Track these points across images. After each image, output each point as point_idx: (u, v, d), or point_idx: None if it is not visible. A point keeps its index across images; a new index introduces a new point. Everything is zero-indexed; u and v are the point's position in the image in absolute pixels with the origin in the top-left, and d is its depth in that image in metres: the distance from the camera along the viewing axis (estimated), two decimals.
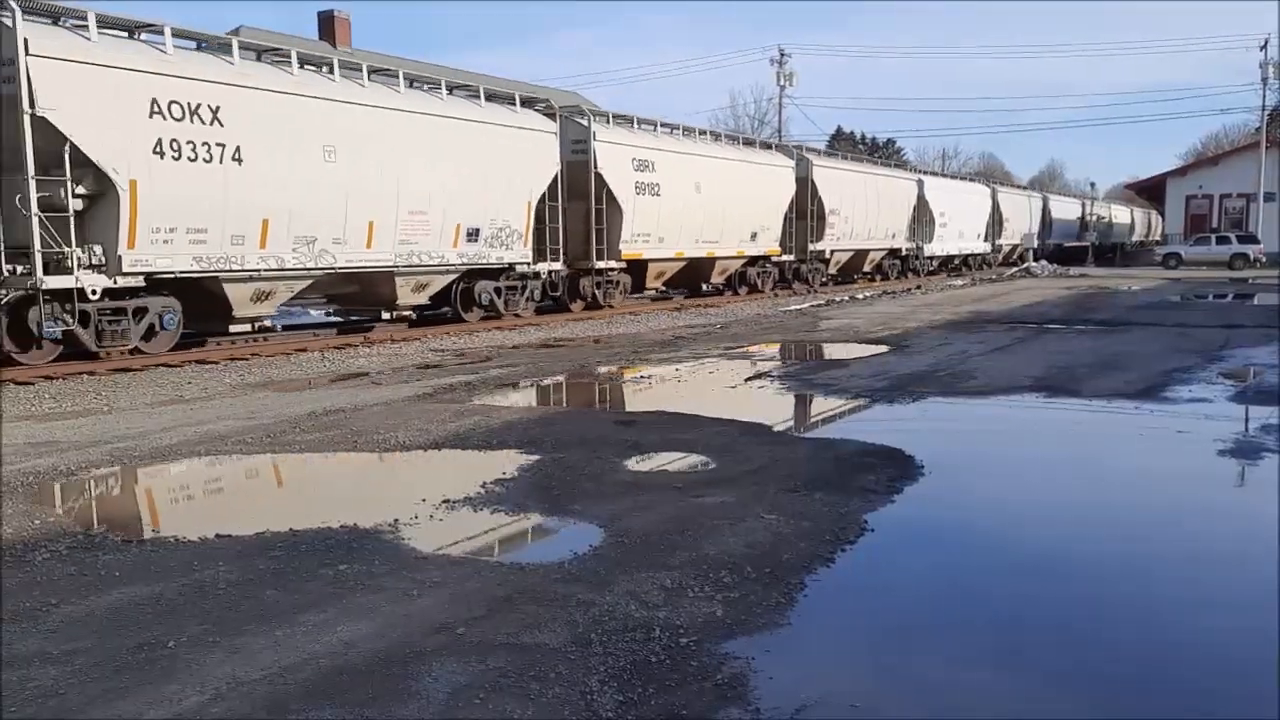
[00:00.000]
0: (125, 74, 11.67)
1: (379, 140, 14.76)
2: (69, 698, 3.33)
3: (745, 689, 3.38)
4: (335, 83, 14.49)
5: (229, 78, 12.81)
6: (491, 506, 5.76)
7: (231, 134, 12.70)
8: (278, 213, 13.39)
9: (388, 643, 3.75)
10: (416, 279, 16.17)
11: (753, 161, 25.64)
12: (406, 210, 15.40)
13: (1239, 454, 7.26)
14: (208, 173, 12.45)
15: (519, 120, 17.76)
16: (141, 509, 6.33)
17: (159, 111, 11.96)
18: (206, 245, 12.66)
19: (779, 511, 5.50)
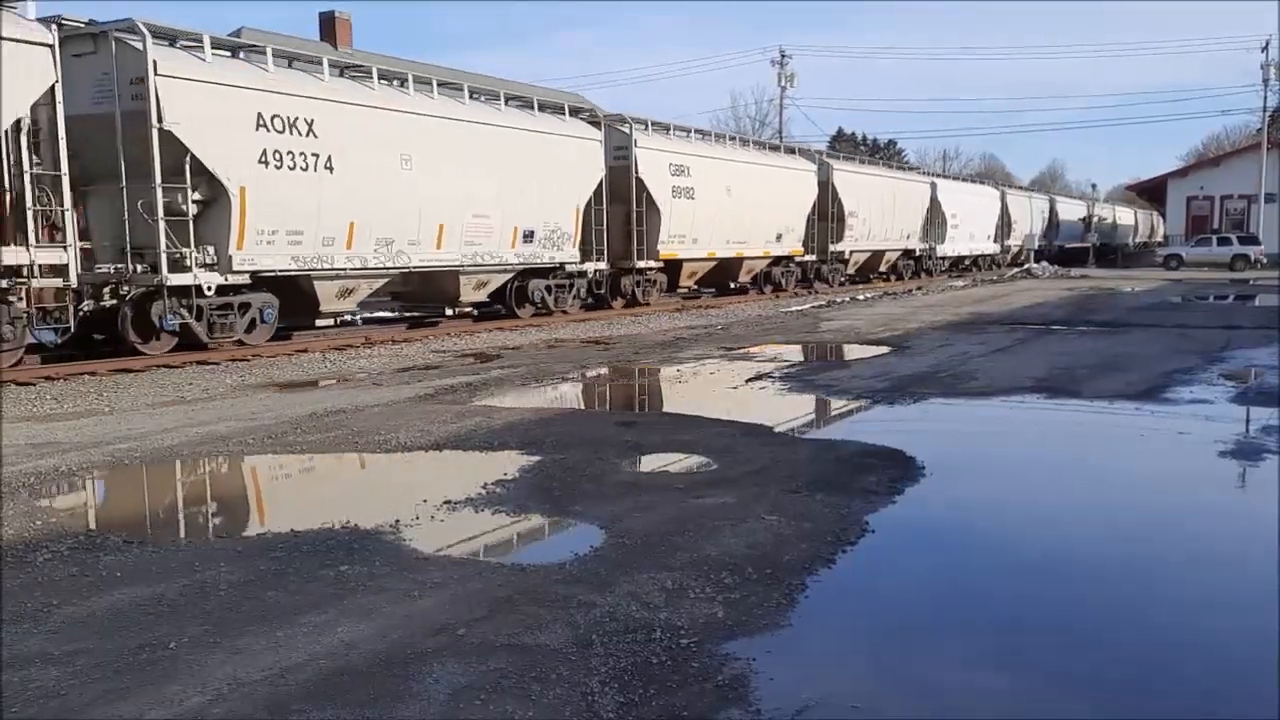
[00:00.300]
0: (235, 90, 12.91)
1: (448, 149, 15.95)
2: (70, 699, 3.34)
3: (746, 690, 3.38)
4: (410, 96, 15.74)
5: (322, 93, 14.13)
6: (493, 507, 5.76)
7: (324, 145, 13.94)
8: (362, 217, 14.65)
9: (389, 643, 3.75)
10: (478, 277, 17.45)
11: (778, 166, 26.84)
12: (471, 214, 16.65)
13: (1240, 455, 7.26)
14: (304, 180, 13.72)
15: (568, 129, 18.97)
16: (142, 510, 6.33)
17: (264, 124, 13.19)
18: (302, 246, 13.89)
19: (780, 512, 5.50)
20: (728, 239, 24.25)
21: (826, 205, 29.04)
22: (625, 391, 10.98)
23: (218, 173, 12.65)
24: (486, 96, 17.64)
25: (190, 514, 6.17)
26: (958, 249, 39.82)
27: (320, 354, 13.77)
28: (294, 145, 13.53)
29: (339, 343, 14.68)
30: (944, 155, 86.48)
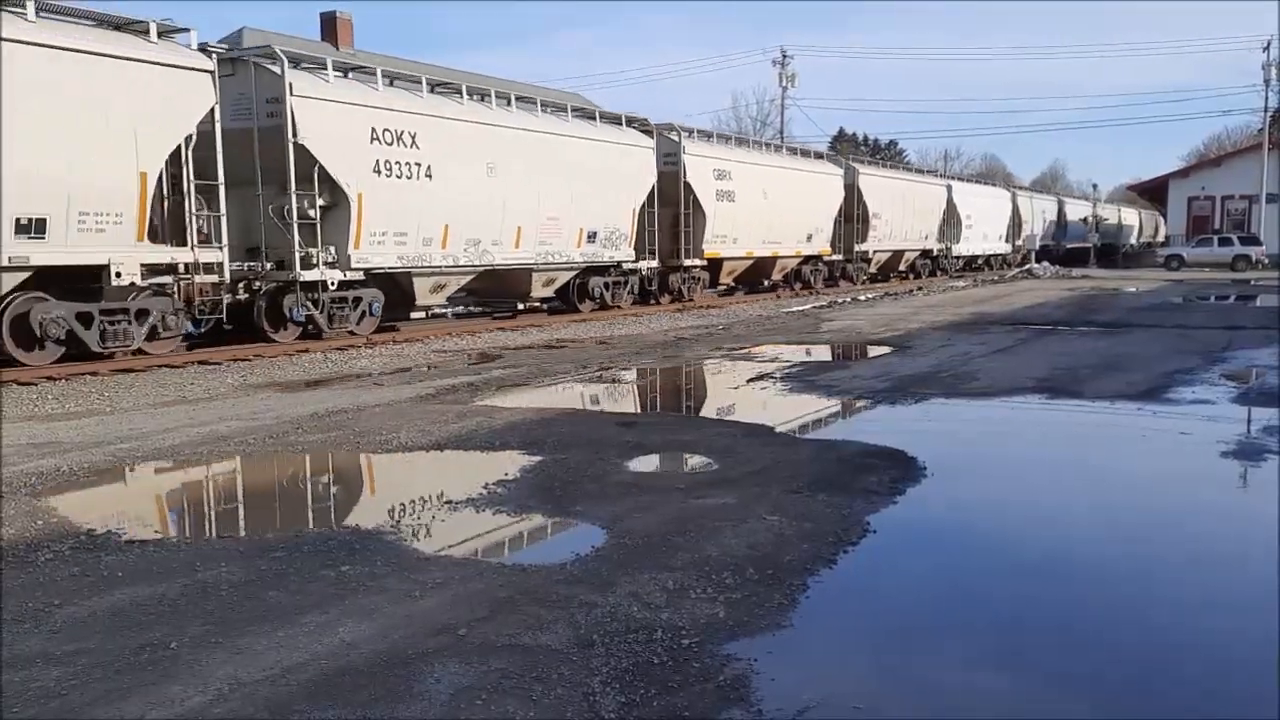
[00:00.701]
0: (354, 108, 14.63)
1: (526, 157, 17.67)
2: (71, 698, 3.34)
3: (748, 690, 3.38)
4: (494, 110, 17.40)
5: (422, 109, 15.86)
6: (494, 507, 5.76)
7: (425, 155, 15.60)
8: (455, 220, 16.32)
9: (390, 643, 3.75)
10: (548, 274, 19.24)
11: (809, 170, 28.69)
12: (545, 216, 18.39)
13: (1241, 455, 7.26)
14: (409, 187, 15.40)
15: (625, 137, 20.77)
16: (144, 510, 6.34)
17: (376, 138, 14.89)
18: (406, 246, 15.59)
19: (781, 513, 5.50)
20: (764, 239, 25.84)
21: (852, 207, 30.60)
22: (626, 391, 10.98)
23: (340, 181, 14.32)
24: (554, 109, 19.45)
25: (191, 514, 6.18)
26: (972, 249, 41.17)
27: (322, 354, 13.78)
28: (400, 156, 15.22)
29: (340, 343, 14.70)
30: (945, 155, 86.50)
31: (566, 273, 19.65)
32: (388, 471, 7.07)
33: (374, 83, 15.37)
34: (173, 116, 12.33)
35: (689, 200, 22.78)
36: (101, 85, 11.57)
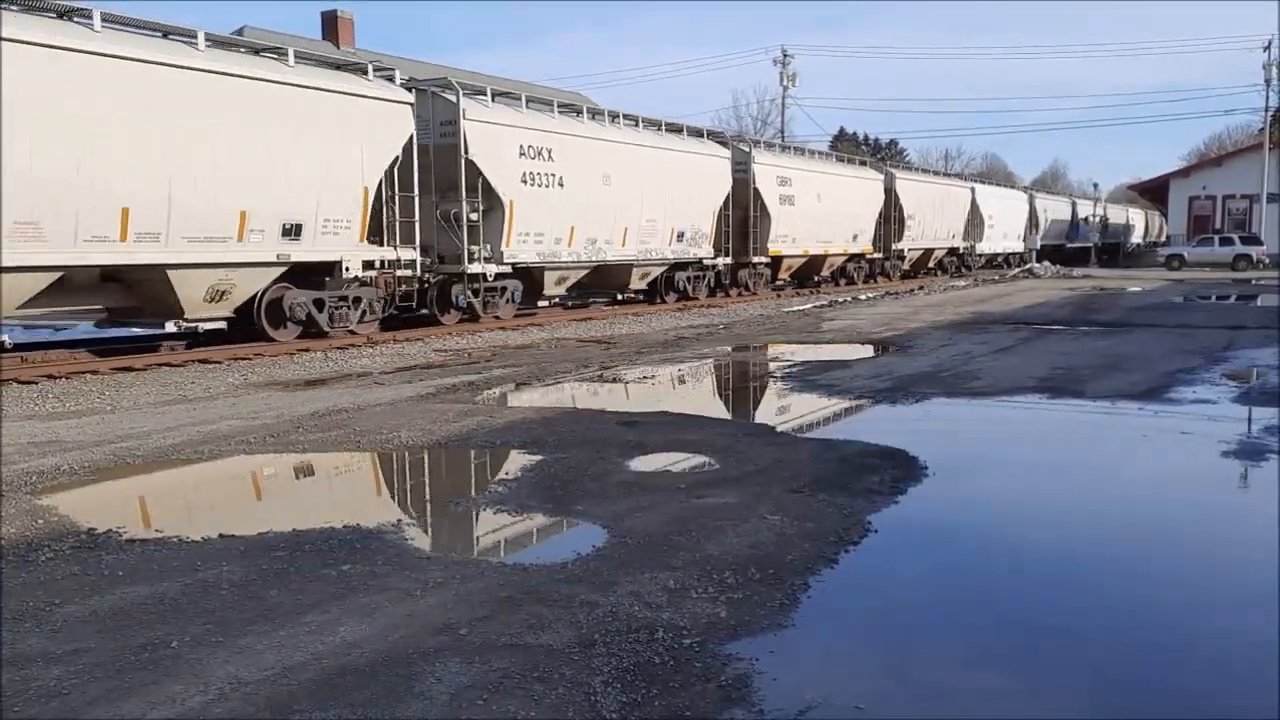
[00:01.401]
0: (507, 128, 17.48)
1: (631, 167, 20.54)
2: (72, 698, 3.33)
3: (749, 690, 3.37)
4: (605, 127, 20.53)
5: (556, 128, 18.69)
6: (494, 507, 5.75)
7: (558, 167, 18.42)
8: (579, 222, 19.15)
9: (391, 643, 3.74)
10: (644, 269, 22.15)
11: (855, 176, 31.81)
12: (645, 219, 21.25)
13: (1242, 455, 7.25)
14: (546, 195, 18.22)
15: (706, 149, 23.85)
16: (145, 509, 6.34)
17: (524, 153, 17.74)
18: (542, 245, 18.41)
19: (782, 512, 5.49)
20: (817, 239, 28.81)
21: (890, 209, 33.33)
22: (626, 390, 10.97)
23: (498, 190, 17.09)
24: (650, 125, 22.31)
25: (192, 513, 6.17)
26: (994, 247, 44.01)
27: (322, 353, 13.77)
28: (540, 168, 18.08)
29: (341, 342, 14.69)
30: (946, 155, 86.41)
31: (659, 268, 22.70)
32: (388, 471, 7.07)
33: (519, 105, 18.38)
34: (387, 141, 15.05)
35: (757, 203, 25.53)
36: (341, 116, 14.34)
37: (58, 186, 10.93)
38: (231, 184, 12.78)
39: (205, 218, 12.52)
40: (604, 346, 14.77)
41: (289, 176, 13.48)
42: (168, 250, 12.16)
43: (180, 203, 12.17)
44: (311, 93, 13.83)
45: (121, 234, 11.67)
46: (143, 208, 11.75)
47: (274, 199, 13.34)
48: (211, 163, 12.49)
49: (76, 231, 11.20)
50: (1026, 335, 15.79)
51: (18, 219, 10.66)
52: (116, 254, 11.70)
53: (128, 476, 6.81)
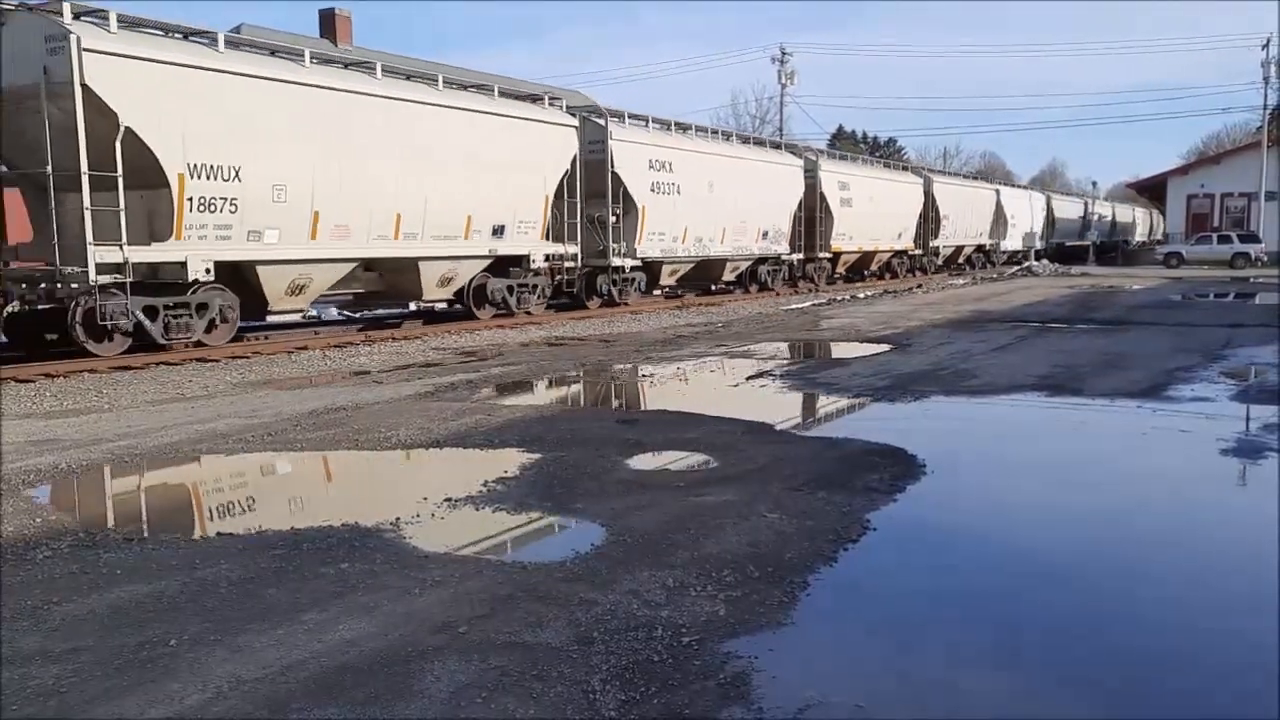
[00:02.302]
0: (641, 145, 21.53)
1: (728, 176, 24.55)
2: (70, 696, 3.33)
3: (748, 688, 3.37)
4: (708, 141, 24.89)
5: (675, 144, 22.88)
6: (493, 505, 5.75)
7: (677, 177, 22.48)
8: (690, 223, 23.20)
9: (389, 641, 3.74)
10: (735, 264, 26.18)
11: (901, 181, 35.95)
12: (738, 220, 25.19)
13: (1241, 453, 7.25)
14: (668, 201, 22.31)
15: (784, 159, 28.21)
16: (143, 507, 6.33)
17: (652, 166, 21.76)
18: (663, 243, 22.49)
19: (781, 510, 5.49)
20: (870, 237, 32.61)
21: (928, 209, 36.86)
22: (625, 389, 10.97)
23: (634, 197, 21.16)
24: (740, 139, 27.39)
25: (190, 511, 6.17)
26: (1014, 244, 47.20)
27: (320, 351, 13.76)
28: (664, 178, 22.09)
29: (339, 340, 14.69)
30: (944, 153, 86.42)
31: (746, 262, 26.60)
32: (387, 469, 7.06)
33: (645, 126, 22.34)
34: (561, 158, 19.03)
35: (822, 205, 29.39)
36: (531, 139, 18.33)
37: (366, 199, 15.04)
38: (461, 194, 16.72)
39: (444, 221, 16.52)
40: (603, 345, 14.76)
41: (498, 187, 17.57)
42: (421, 245, 16.23)
43: (432, 210, 16.18)
44: (512, 120, 17.98)
45: (395, 234, 15.68)
46: (409, 214, 15.84)
47: (488, 205, 17.39)
48: (449, 177, 16.38)
49: (369, 231, 15.22)
50: (1025, 333, 15.79)
51: (336, 222, 14.62)
52: (392, 248, 15.78)
53: (126, 475, 6.80)
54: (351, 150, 14.66)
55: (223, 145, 12.89)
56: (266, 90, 13.52)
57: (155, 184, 12.32)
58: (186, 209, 12.57)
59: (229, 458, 7.18)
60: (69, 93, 11.45)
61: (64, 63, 11.42)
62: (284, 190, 13.74)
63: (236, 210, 13.15)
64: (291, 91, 13.83)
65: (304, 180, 13.99)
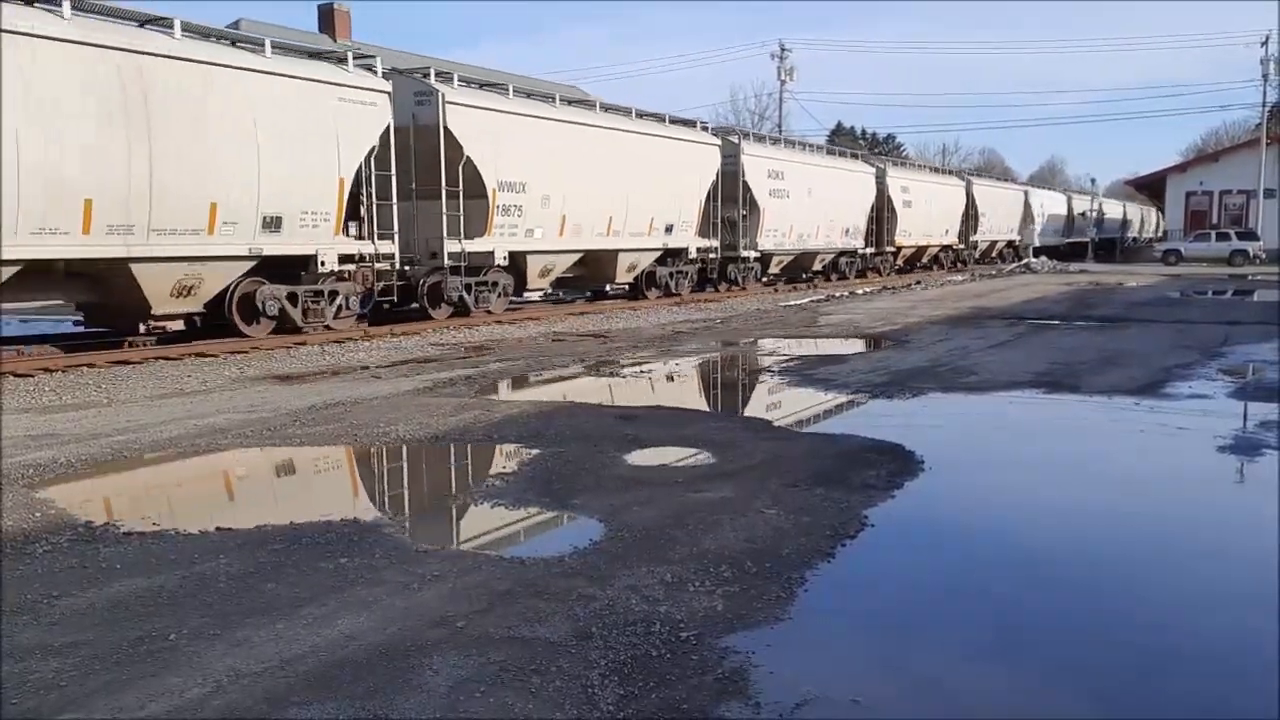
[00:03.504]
0: (762, 159, 26.42)
1: (822, 183, 29.30)
2: (70, 690, 3.34)
3: (746, 683, 3.38)
4: (808, 153, 30.71)
5: (785, 156, 28.27)
6: (492, 500, 5.76)
7: (786, 185, 27.26)
8: (795, 222, 28.04)
9: (389, 636, 3.75)
10: (824, 256, 31.05)
11: (947, 184, 40.65)
12: (828, 219, 30.07)
13: (1238, 450, 7.27)
14: (780, 204, 26.97)
15: (859, 168, 32.99)
16: (142, 502, 6.34)
17: (770, 175, 26.57)
18: (775, 238, 27.15)
19: (779, 506, 5.50)
20: (924, 234, 37.40)
21: (968, 208, 41.31)
22: (624, 385, 10.98)
23: (758, 200, 25.88)
24: (827, 151, 33.20)
25: (189, 506, 6.18)
26: (1040, 240, 50.43)
27: (319, 346, 13.76)
28: (778, 185, 26.92)
29: (338, 336, 14.69)
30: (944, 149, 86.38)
31: (831, 254, 31.44)
32: (385, 464, 7.07)
33: (764, 142, 28.49)
34: (709, 171, 23.86)
35: (888, 206, 34.08)
36: (685, 155, 22.91)
37: (592, 204, 19.65)
38: (648, 200, 21.25)
39: (638, 221, 21.08)
40: (600, 340, 14.77)
41: (671, 195, 21.97)
42: (622, 240, 20.88)
43: (631, 213, 20.71)
44: (680, 142, 22.75)
45: (607, 231, 20.25)
46: (616, 216, 20.39)
47: (663, 209, 21.87)
48: (641, 187, 20.93)
49: (592, 229, 19.83)
50: (1023, 330, 15.81)
51: (574, 223, 19.19)
52: (604, 242, 20.32)
53: (125, 470, 6.81)
54: (585, 167, 19.18)
55: (516, 168, 17.57)
56: (538, 126, 18.33)
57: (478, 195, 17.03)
58: (496, 214, 17.34)
59: (228, 453, 7.19)
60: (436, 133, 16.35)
61: (432, 112, 16.32)
62: (548, 200, 18.36)
63: (521, 214, 17.88)
64: (551, 126, 18.67)
65: (558, 192, 18.52)
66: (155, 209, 12.02)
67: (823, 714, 3.23)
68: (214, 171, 12.67)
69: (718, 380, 11.30)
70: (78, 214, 11.31)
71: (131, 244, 11.87)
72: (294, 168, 13.70)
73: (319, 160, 14.12)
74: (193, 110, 12.41)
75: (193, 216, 12.49)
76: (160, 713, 3.17)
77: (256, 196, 13.26)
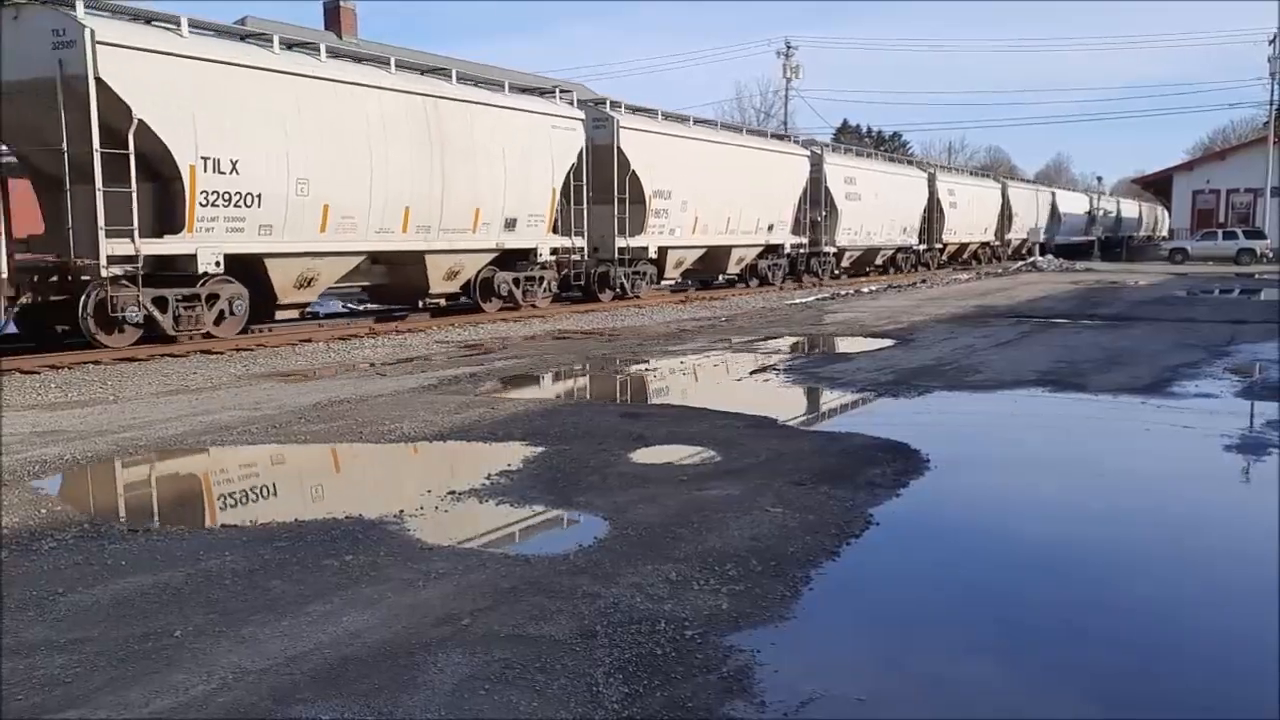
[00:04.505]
0: (840, 166, 30.45)
1: (888, 187, 33.54)
2: (75, 686, 3.34)
3: (750, 682, 3.38)
4: (874, 160, 34.74)
5: (856, 164, 32.27)
6: (497, 498, 5.76)
7: (859, 189, 31.25)
8: (864, 220, 32.12)
9: (393, 633, 3.75)
10: (886, 252, 35.31)
11: (987, 188, 45.15)
12: (890, 219, 34.05)
13: (1244, 450, 7.25)
14: (854, 206, 31.07)
15: (913, 173, 37.77)
16: (147, 498, 6.35)
17: (844, 180, 30.43)
18: (850, 236, 31.30)
19: (784, 505, 5.49)
20: (968, 231, 42.20)
21: (1004, 208, 45.73)
22: (629, 383, 10.97)
23: (836, 203, 30.04)
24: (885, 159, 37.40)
25: (194, 503, 6.19)
26: (1066, 239, 54.50)
27: (324, 344, 13.78)
28: (852, 189, 30.84)
29: (343, 333, 14.71)
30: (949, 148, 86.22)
31: (891, 250, 35.54)
32: (390, 461, 7.07)
33: (842, 152, 33.26)
34: (800, 179, 28.09)
35: (938, 207, 38.22)
36: (784, 167, 27.35)
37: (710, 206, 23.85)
38: (752, 203, 25.39)
39: (749, 220, 25.53)
40: (605, 339, 14.77)
41: (773, 199, 26.62)
42: (733, 238, 25.19)
43: (741, 214, 24.99)
44: (778, 154, 27.40)
45: (725, 229, 24.45)
46: (733, 216, 24.68)
47: (767, 210, 26.30)
48: (745, 193, 24.87)
49: (707, 228, 23.92)
50: (1029, 329, 15.78)
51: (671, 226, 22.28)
52: (718, 239, 24.61)
53: (130, 466, 6.82)
54: (711, 177, 23.31)
55: (665, 178, 22.04)
56: (680, 144, 22.68)
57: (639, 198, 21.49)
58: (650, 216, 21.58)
59: (233, 449, 7.20)
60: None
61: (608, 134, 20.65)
62: (686, 204, 22.55)
63: (667, 216, 22.20)
64: (688, 144, 22.97)
65: (693, 197, 22.67)
66: (444, 213, 16.21)
67: (828, 713, 3.23)
68: (478, 183, 16.88)
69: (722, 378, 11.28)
70: (399, 218, 15.42)
71: (429, 240, 16.15)
72: (525, 180, 17.83)
73: (540, 174, 18.31)
74: (464, 137, 16.54)
75: (464, 218, 16.71)
76: (165, 709, 3.18)
77: (502, 203, 17.45)
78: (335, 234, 14.49)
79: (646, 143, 21.22)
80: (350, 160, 14.50)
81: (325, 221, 14.20)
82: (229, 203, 12.97)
